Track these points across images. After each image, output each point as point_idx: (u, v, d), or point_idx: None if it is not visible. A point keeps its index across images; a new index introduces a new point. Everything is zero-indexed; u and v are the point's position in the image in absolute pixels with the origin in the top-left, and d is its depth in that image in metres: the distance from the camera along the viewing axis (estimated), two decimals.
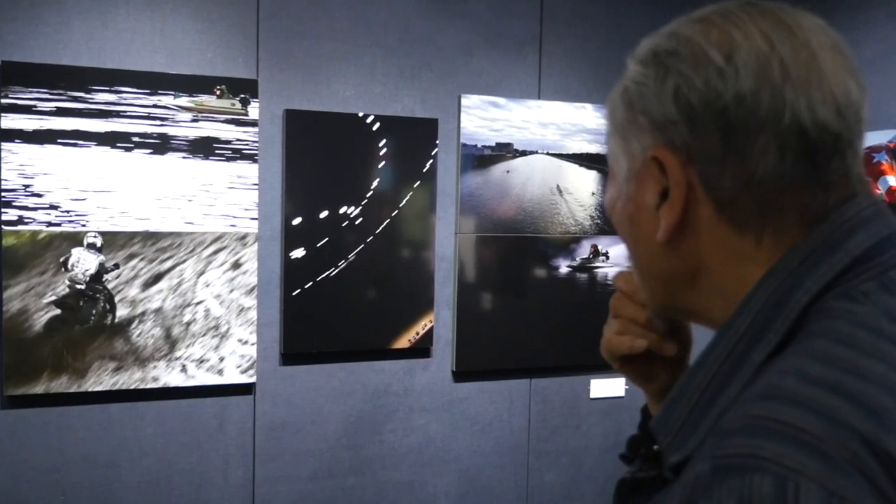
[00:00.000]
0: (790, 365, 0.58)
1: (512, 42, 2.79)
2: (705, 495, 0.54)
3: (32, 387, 2.28)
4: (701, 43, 0.65)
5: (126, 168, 2.35)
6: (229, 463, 2.55)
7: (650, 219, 0.69)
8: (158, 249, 2.40)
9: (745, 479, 0.52)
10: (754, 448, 0.53)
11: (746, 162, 0.63)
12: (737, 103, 0.63)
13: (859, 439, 0.52)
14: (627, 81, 0.70)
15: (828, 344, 0.58)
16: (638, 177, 0.69)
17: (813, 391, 0.55)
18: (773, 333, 0.62)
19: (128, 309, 2.38)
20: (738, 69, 0.63)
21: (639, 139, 0.69)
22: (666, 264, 0.71)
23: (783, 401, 0.55)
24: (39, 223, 2.28)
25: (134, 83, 2.34)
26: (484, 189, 2.77)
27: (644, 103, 0.68)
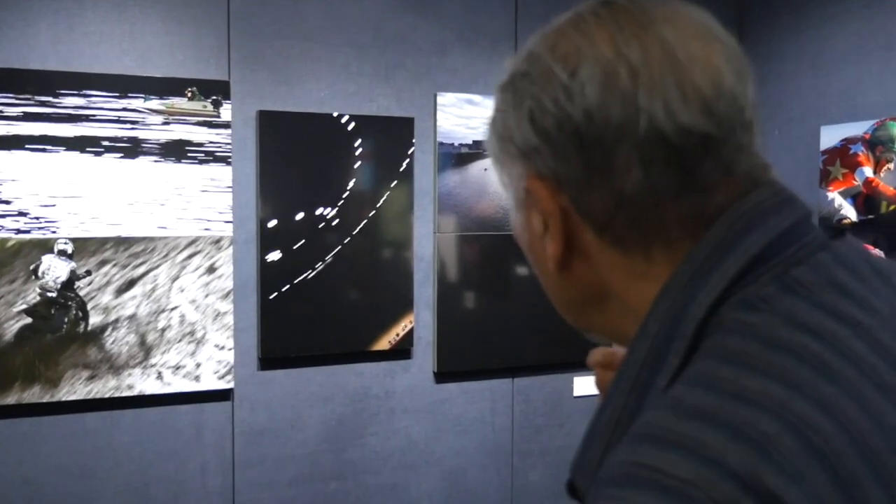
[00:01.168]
0: (673, 395, 0.54)
1: (487, 39, 2.78)
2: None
3: (3, 398, 2.24)
4: (548, 60, 0.61)
5: (96, 173, 2.32)
6: (208, 470, 2.51)
7: (541, 248, 0.66)
8: (131, 255, 2.36)
9: (622, 490, 0.48)
10: (637, 461, 0.49)
11: (612, 180, 0.59)
12: (587, 120, 0.59)
13: (733, 479, 0.46)
14: (494, 110, 0.67)
15: (712, 365, 0.53)
16: (523, 206, 0.66)
17: (687, 426, 0.50)
18: (673, 355, 0.57)
19: (101, 316, 2.34)
20: (584, 83, 0.59)
21: (514, 168, 0.66)
22: (569, 291, 0.68)
23: (654, 441, 0.51)
24: (8, 230, 2.24)
25: (103, 86, 2.31)
26: (462, 188, 2.76)
27: (508, 132, 0.64)
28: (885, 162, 2.63)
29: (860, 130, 2.69)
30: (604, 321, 0.68)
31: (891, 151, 2.60)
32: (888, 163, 2.62)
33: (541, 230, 0.65)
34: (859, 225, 2.68)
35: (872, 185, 2.66)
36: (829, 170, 2.81)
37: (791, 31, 2.99)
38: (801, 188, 2.87)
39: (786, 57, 3.00)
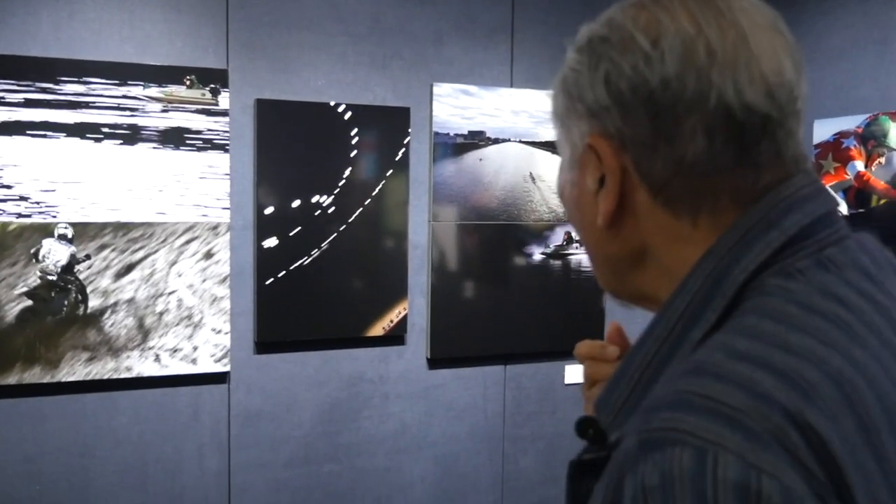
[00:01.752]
0: (720, 341, 0.59)
1: (483, 30, 2.81)
2: (631, 470, 0.55)
3: (5, 378, 2.30)
4: (630, 28, 0.66)
5: (96, 159, 2.36)
6: (204, 452, 2.57)
7: (593, 204, 0.70)
8: (130, 240, 2.41)
9: (666, 452, 0.53)
10: (675, 422, 0.54)
11: (676, 146, 0.64)
12: (663, 88, 0.64)
13: (782, 412, 0.52)
14: (566, 69, 0.71)
15: (757, 319, 0.60)
16: (579, 163, 0.71)
17: (738, 365, 0.56)
18: (711, 311, 0.63)
19: (100, 299, 2.39)
20: (664, 53, 0.64)
21: (578, 126, 0.70)
22: (611, 248, 0.72)
23: (708, 375, 0.56)
24: (9, 215, 2.29)
25: (103, 74, 2.35)
26: (457, 177, 2.79)
27: (580, 91, 0.69)
28: (877, 156, 2.65)
29: (853, 125, 2.72)
30: (637, 282, 0.72)
31: (882, 146, 2.63)
32: (879, 157, 2.64)
33: (595, 187, 0.69)
34: (850, 218, 2.71)
35: (864, 180, 2.69)
36: (822, 163, 2.84)
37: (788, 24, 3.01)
38: None
39: None
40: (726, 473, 0.51)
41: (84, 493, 2.43)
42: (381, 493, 2.79)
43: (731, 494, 0.50)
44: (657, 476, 0.53)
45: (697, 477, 0.52)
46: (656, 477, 0.53)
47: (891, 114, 2.59)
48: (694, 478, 0.52)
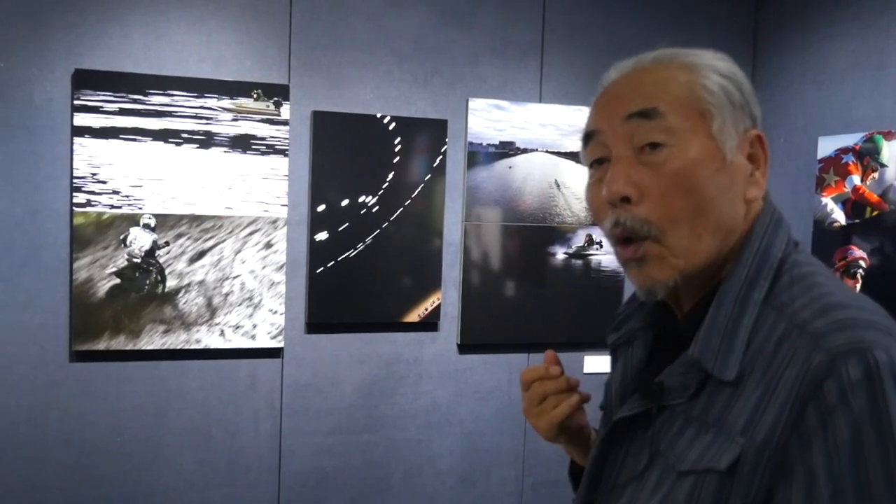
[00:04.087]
0: (815, 294, 0.82)
1: (515, 51, 3.10)
2: (832, 375, 0.73)
3: (95, 344, 2.67)
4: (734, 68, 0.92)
5: (176, 160, 2.72)
6: (260, 417, 2.92)
7: (742, 180, 0.89)
8: (202, 230, 2.78)
9: (865, 356, 0.73)
10: (858, 338, 0.75)
11: None
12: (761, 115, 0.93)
13: None
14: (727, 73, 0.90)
15: (825, 279, 0.85)
16: (738, 146, 0.89)
17: (852, 299, 0.81)
18: (764, 279, 0.86)
19: (176, 280, 2.77)
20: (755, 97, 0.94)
21: (741, 119, 0.90)
22: (738, 220, 0.90)
23: (847, 308, 0.79)
24: (104, 206, 2.66)
25: (184, 87, 2.70)
26: (488, 182, 3.10)
27: (747, 94, 0.91)
28: (871, 171, 2.88)
29: (852, 142, 2.95)
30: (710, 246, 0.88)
31: (876, 162, 2.86)
32: (873, 172, 2.87)
33: (748, 167, 0.90)
34: (847, 228, 2.95)
35: (859, 192, 2.92)
36: (824, 177, 3.07)
37: (798, 48, 3.25)
38: (801, 193, 3.14)
39: (793, 71, 3.26)
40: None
41: (157, 447, 2.80)
42: (412, 462, 3.11)
43: None
44: (860, 371, 0.73)
45: (891, 367, 0.73)
46: (860, 372, 0.73)
47: (884, 133, 2.82)
48: (890, 368, 0.73)
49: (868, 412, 0.72)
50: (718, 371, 0.83)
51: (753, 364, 0.81)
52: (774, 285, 0.86)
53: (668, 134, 0.87)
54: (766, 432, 0.77)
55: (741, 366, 0.82)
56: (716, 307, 0.87)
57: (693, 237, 0.87)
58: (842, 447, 0.73)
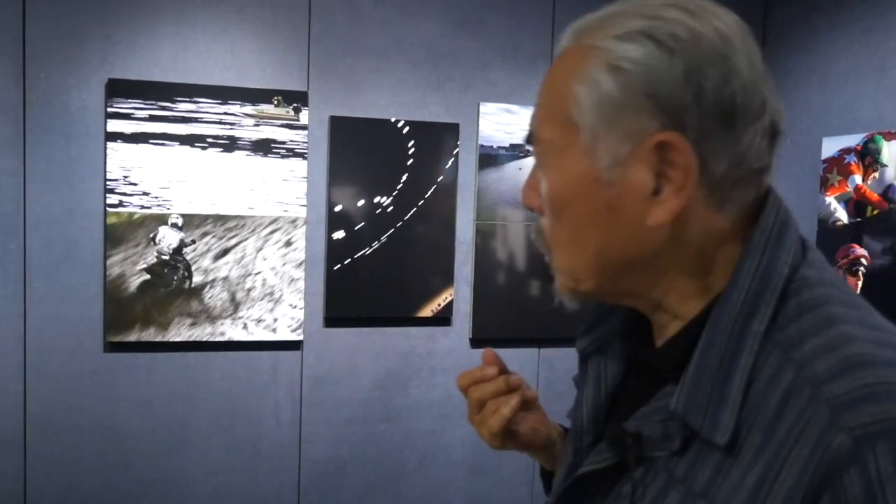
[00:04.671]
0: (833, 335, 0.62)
1: (525, 56, 3.22)
2: (856, 463, 0.56)
3: (127, 335, 2.85)
4: (698, 30, 0.64)
5: (202, 163, 2.88)
6: (281, 406, 3.07)
7: (637, 203, 0.67)
8: (226, 229, 2.94)
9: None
10: (892, 413, 0.56)
11: (739, 146, 0.65)
12: (742, 92, 0.64)
13: None
14: (617, 60, 0.66)
15: (843, 310, 0.64)
16: (626, 162, 0.66)
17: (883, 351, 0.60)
18: (765, 305, 0.65)
19: (202, 276, 2.93)
20: (739, 62, 0.65)
21: (633, 122, 0.65)
22: (642, 248, 0.69)
23: (875, 366, 0.59)
24: (134, 206, 2.84)
25: (209, 95, 2.86)
26: (499, 183, 3.22)
27: (649, 85, 0.64)
28: (872, 171, 2.95)
29: (854, 142, 3.01)
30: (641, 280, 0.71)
31: (877, 162, 2.93)
32: (874, 172, 2.94)
33: (648, 186, 0.66)
34: (849, 226, 3.02)
35: (861, 192, 2.98)
36: (828, 177, 3.14)
37: (804, 50, 3.32)
38: (806, 193, 3.21)
39: (799, 73, 3.33)
40: None
41: (185, 433, 2.96)
42: (426, 451, 3.24)
43: None
44: (891, 461, 0.55)
45: None
46: (891, 462, 0.55)
47: (885, 133, 2.89)
48: None
49: None
50: (708, 431, 0.65)
51: (753, 421, 0.63)
52: (778, 312, 0.66)
53: (542, 150, 0.72)
54: None
55: (737, 423, 0.64)
56: (704, 346, 0.67)
57: (576, 265, 0.73)
58: None
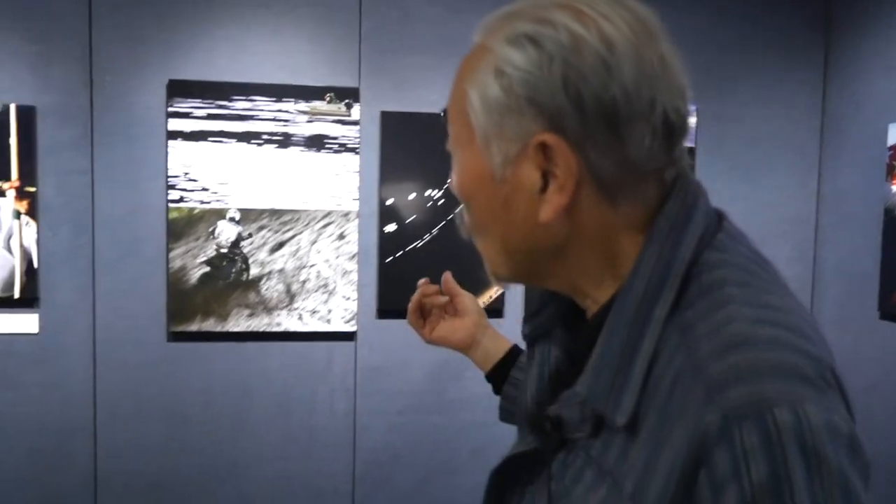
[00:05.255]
0: (721, 317, 0.64)
1: None
2: (724, 440, 0.59)
3: (189, 325, 2.97)
4: (581, 33, 0.65)
5: (258, 159, 2.98)
6: (335, 396, 3.14)
7: (528, 200, 0.70)
8: (282, 223, 3.03)
9: (764, 418, 0.58)
10: (758, 392, 0.59)
11: (626, 147, 0.67)
12: (622, 96, 0.65)
13: (822, 363, 0.62)
14: (502, 64, 0.68)
15: (736, 290, 0.66)
16: (515, 161, 0.70)
17: (761, 330, 0.62)
18: (668, 290, 0.67)
19: (258, 269, 3.03)
20: (621, 63, 0.65)
21: (518, 124, 0.68)
22: (540, 241, 0.72)
23: (750, 346, 0.61)
24: (195, 201, 2.96)
25: (264, 93, 2.96)
26: None
27: (529, 90, 0.67)
28: None
29: None
30: (553, 268, 0.75)
31: None
32: None
33: (536, 185, 0.69)
34: None
35: None
36: (894, 164, 3.03)
37: (869, 35, 3.21)
38: (872, 182, 3.10)
39: (864, 59, 3.22)
40: (816, 419, 0.58)
41: (243, 420, 3.06)
42: (478, 443, 3.25)
43: (824, 434, 0.58)
44: (757, 437, 0.58)
45: (796, 429, 0.58)
46: (756, 438, 0.58)
47: None
48: (794, 430, 0.57)
49: (766, 487, 0.58)
50: (610, 414, 0.68)
51: (650, 402, 0.66)
52: (681, 296, 0.68)
53: (452, 143, 0.77)
54: (655, 499, 0.63)
55: (637, 405, 0.66)
56: (608, 331, 0.70)
57: (488, 252, 0.78)
58: None
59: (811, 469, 0.57)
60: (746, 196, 3.33)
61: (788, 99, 3.36)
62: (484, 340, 1.30)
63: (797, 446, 0.57)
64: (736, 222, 0.74)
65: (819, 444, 0.58)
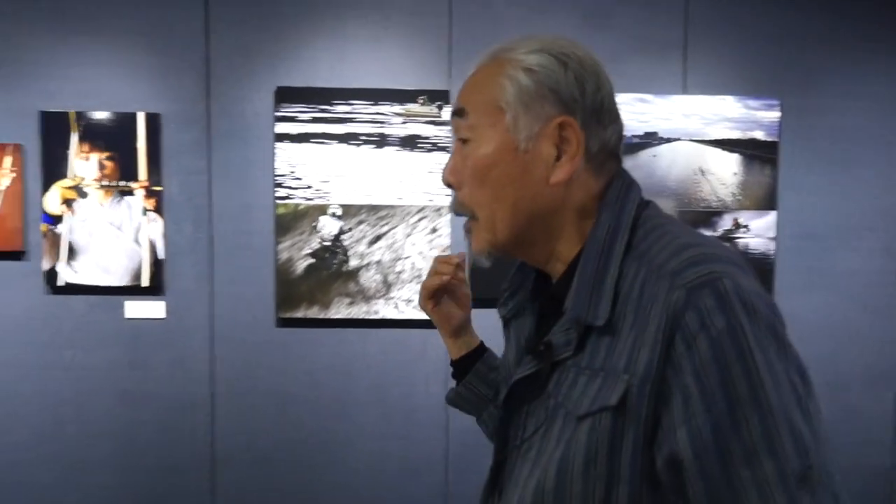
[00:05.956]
0: (667, 240, 0.89)
1: (656, 46, 3.29)
2: (690, 306, 0.81)
3: (295, 312, 3.22)
4: (579, 54, 0.95)
5: (356, 159, 3.19)
6: (430, 381, 3.31)
7: (544, 166, 0.94)
8: (379, 217, 3.25)
9: (716, 285, 0.81)
10: (707, 271, 0.82)
11: (604, 135, 0.96)
12: (607, 98, 0.96)
13: (740, 258, 0.87)
14: (530, 65, 0.93)
15: (674, 227, 0.92)
16: (537, 136, 0.93)
17: (698, 239, 0.88)
18: (622, 235, 0.93)
19: (357, 260, 3.26)
20: (603, 79, 0.96)
21: (542, 107, 0.93)
22: (543, 203, 0.95)
23: (693, 247, 0.86)
24: (300, 198, 3.19)
25: (362, 97, 3.16)
26: (633, 171, 3.27)
27: (552, 83, 0.93)
28: None
29: None
30: (541, 229, 0.97)
31: None
32: None
33: (552, 154, 0.93)
34: None
35: None
36: None
37: None
38: None
39: None
40: (747, 286, 0.82)
41: (345, 401, 3.28)
42: None
43: (754, 296, 0.81)
44: (713, 299, 0.81)
45: (738, 292, 0.81)
46: (712, 300, 0.81)
47: None
48: (736, 292, 0.81)
49: (725, 332, 0.79)
50: (591, 318, 0.89)
51: (625, 309, 0.88)
52: (632, 239, 0.92)
53: (471, 131, 0.97)
54: (645, 365, 0.84)
55: (613, 312, 0.88)
56: (582, 265, 0.93)
57: (495, 218, 0.97)
58: (707, 364, 0.80)
59: (751, 317, 0.80)
60: (832, 189, 3.35)
61: (876, 92, 3.37)
62: (466, 332, 1.42)
63: (740, 303, 0.80)
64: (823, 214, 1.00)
65: (754, 302, 0.81)
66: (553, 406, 0.93)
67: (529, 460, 0.95)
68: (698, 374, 0.80)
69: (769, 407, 0.78)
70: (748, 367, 0.78)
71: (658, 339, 0.83)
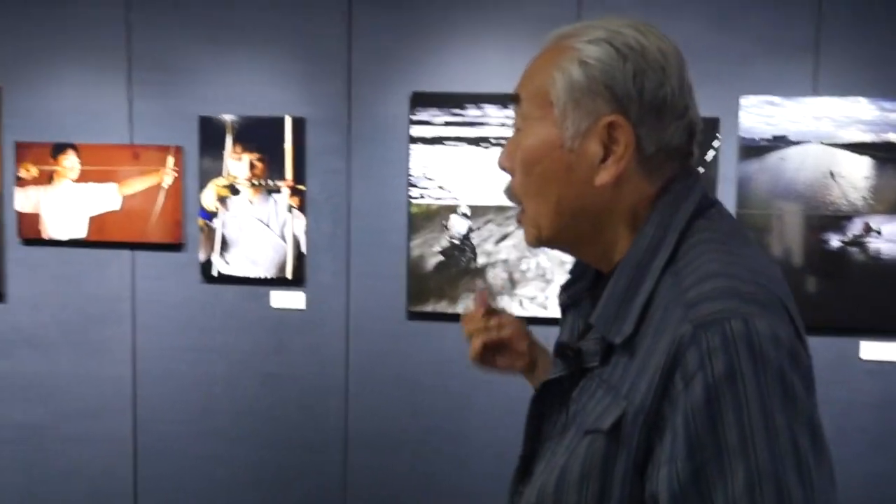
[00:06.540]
0: (701, 261, 0.82)
1: (787, 48, 3.25)
2: (693, 343, 0.76)
3: (424, 306, 3.40)
4: (645, 43, 0.87)
5: (485, 161, 3.35)
6: None
7: (588, 167, 0.88)
8: (505, 217, 3.37)
9: (721, 325, 0.75)
10: (720, 308, 0.77)
11: (664, 135, 0.88)
12: (671, 95, 0.87)
13: (774, 295, 0.80)
14: (585, 57, 0.87)
15: (717, 246, 0.85)
16: (584, 134, 0.88)
17: (733, 269, 0.81)
18: (666, 248, 0.86)
19: (485, 258, 3.40)
20: (671, 71, 0.88)
21: (593, 103, 0.87)
22: (589, 203, 0.90)
23: (721, 277, 0.80)
24: (431, 198, 3.36)
25: (492, 101, 3.28)
26: (760, 174, 3.33)
27: (607, 78, 0.86)
28: None
29: None
30: (586, 228, 0.92)
31: None
32: None
33: (599, 154, 0.88)
34: None
35: None
36: None
37: None
38: None
39: None
40: (762, 330, 0.75)
41: (468, 392, 3.42)
42: None
43: (768, 341, 0.75)
44: (718, 339, 0.75)
45: (747, 334, 0.75)
46: (718, 340, 0.75)
47: None
48: (745, 335, 0.75)
49: (724, 376, 0.74)
50: (612, 335, 0.86)
51: (647, 330, 0.84)
52: (678, 251, 0.86)
53: (523, 119, 0.95)
54: (642, 395, 0.80)
55: (635, 330, 0.84)
56: (616, 277, 0.89)
57: (539, 213, 0.94)
58: (698, 408, 0.75)
59: (757, 365, 0.75)
60: None
61: None
62: (539, 359, 1.36)
63: (747, 348, 0.75)
64: None
65: (764, 348, 0.75)
66: (573, 413, 0.92)
67: (545, 461, 0.95)
68: (688, 416, 0.76)
69: (757, 462, 0.73)
70: (741, 417, 0.74)
71: (658, 372, 0.79)
